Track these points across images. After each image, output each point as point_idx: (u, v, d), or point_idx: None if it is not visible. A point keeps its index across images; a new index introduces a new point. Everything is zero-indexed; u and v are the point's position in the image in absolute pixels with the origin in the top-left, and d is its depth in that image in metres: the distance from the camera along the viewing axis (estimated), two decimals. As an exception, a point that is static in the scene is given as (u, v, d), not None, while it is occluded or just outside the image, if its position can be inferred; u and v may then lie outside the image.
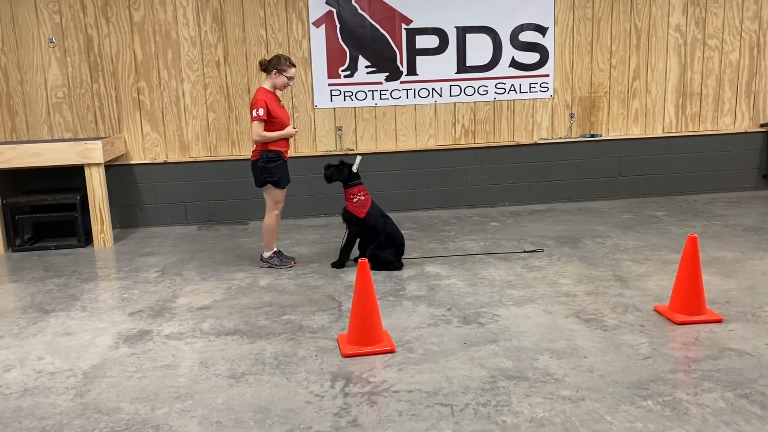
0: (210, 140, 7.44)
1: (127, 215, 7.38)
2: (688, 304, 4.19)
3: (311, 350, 3.94)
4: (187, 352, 3.99)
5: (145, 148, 7.39)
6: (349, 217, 5.53)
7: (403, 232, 6.79)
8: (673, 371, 3.53)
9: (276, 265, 5.62)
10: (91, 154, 6.48)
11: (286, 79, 5.45)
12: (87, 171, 6.52)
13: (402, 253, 5.62)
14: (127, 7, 7.07)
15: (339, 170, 5.56)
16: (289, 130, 5.54)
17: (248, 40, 7.29)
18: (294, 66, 5.50)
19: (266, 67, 5.46)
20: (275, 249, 5.68)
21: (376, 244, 5.49)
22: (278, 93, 5.67)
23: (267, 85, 5.50)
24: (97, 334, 4.31)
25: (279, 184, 5.52)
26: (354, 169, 5.55)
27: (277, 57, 5.45)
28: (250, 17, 7.24)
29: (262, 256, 5.72)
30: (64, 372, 3.76)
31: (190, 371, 3.72)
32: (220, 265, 5.82)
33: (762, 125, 8.23)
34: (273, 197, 5.58)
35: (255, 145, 5.56)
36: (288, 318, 4.47)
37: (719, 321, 4.16)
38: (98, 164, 6.52)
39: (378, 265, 5.44)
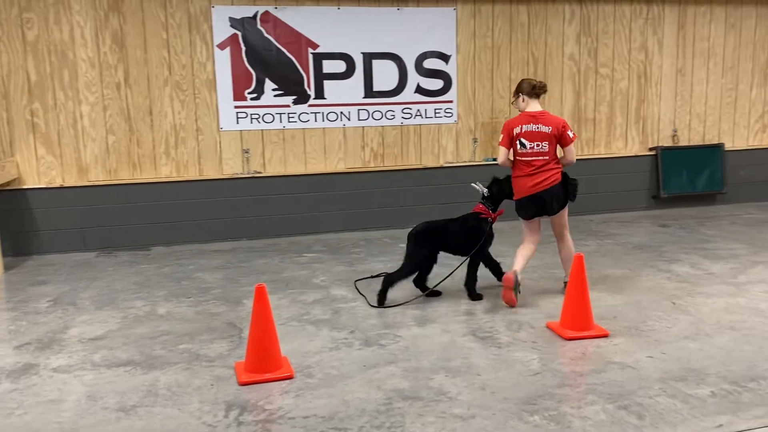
0: (110, 163, 7.20)
1: (20, 242, 7.01)
2: (576, 320, 4.39)
3: (207, 379, 3.86)
4: (74, 386, 3.81)
5: (39, 172, 7.07)
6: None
7: (311, 255, 6.83)
8: (560, 386, 3.68)
9: None
10: (-23, 178, 6.13)
11: None
12: (-27, 196, 6.17)
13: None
14: (20, 25, 6.79)
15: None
16: None
17: (150, 62, 7.13)
18: None
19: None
20: None
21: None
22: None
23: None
24: (-24, 370, 4.06)
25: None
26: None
27: None
28: (152, 39, 7.11)
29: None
30: (-64, 412, 3.52)
31: (77, 405, 3.56)
32: (118, 293, 5.61)
33: (651, 149, 8.78)
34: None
35: (554, 167, 5.07)
36: (185, 347, 4.36)
37: (606, 336, 4.38)
38: (-14, 189, 6.19)
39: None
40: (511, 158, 5.26)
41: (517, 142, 5.15)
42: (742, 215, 8.34)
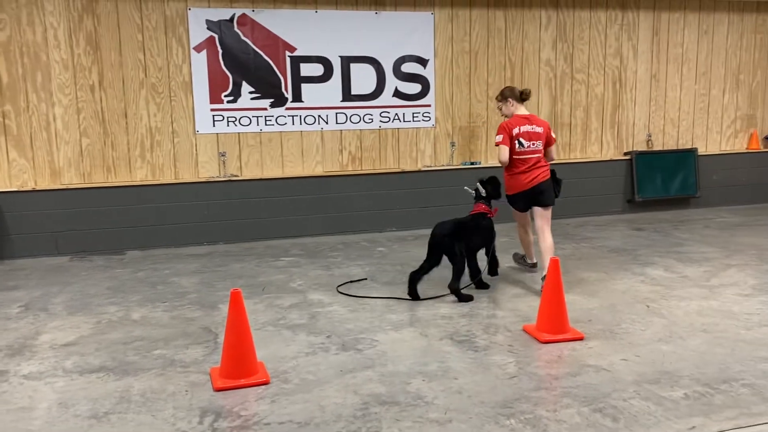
0: (84, 167, 7.11)
1: (-9, 247, 6.89)
2: (552, 323, 4.41)
3: (182, 385, 3.81)
4: (45, 393, 3.75)
5: (11, 175, 6.95)
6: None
7: (288, 259, 6.80)
8: (536, 389, 3.70)
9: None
10: (-54, 181, 6.01)
11: None
12: (-58, 200, 6.04)
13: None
14: (-9, 26, 6.68)
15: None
16: None
17: (125, 64, 7.06)
18: (495, 98, 5.87)
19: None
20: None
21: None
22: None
23: None
24: (-57, 378, 3.97)
25: None
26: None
27: None
28: (127, 41, 7.03)
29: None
30: None
31: (48, 413, 3.50)
32: (91, 298, 5.53)
33: (626, 153, 8.88)
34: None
35: (544, 164, 5.65)
36: (159, 352, 4.31)
37: (581, 339, 4.41)
38: (-45, 192, 6.06)
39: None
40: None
41: (516, 141, 5.54)
42: (715, 219, 8.48)
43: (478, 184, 5.65)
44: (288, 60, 7.53)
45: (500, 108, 5.75)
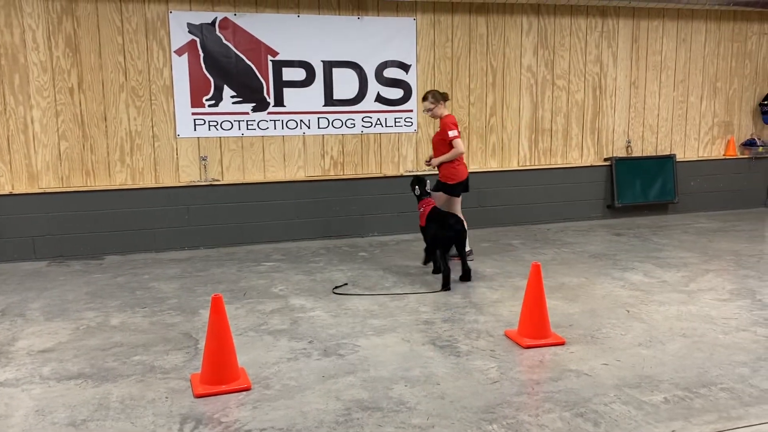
0: (62, 170, 7.02)
1: (-34, 251, 6.77)
2: (534, 328, 4.43)
3: (162, 392, 3.77)
4: (22, 400, 3.69)
5: (-13, 179, 6.85)
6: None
7: (270, 264, 6.76)
8: (519, 394, 3.71)
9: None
10: None
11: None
12: None
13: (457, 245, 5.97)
14: (-32, 27, 6.58)
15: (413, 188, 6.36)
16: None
17: (105, 67, 6.99)
18: (424, 99, 6.49)
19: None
20: None
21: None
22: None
23: None
24: None
25: None
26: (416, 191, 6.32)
27: None
28: (107, 44, 6.96)
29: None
30: None
31: (24, 421, 3.44)
32: (69, 304, 5.45)
33: (605, 159, 8.97)
34: None
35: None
36: (139, 358, 4.26)
37: (562, 344, 4.43)
38: (-71, 196, 5.95)
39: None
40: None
41: None
42: (693, 224, 8.58)
43: (427, 182, 6.32)
44: (270, 64, 7.50)
45: (432, 109, 6.42)
